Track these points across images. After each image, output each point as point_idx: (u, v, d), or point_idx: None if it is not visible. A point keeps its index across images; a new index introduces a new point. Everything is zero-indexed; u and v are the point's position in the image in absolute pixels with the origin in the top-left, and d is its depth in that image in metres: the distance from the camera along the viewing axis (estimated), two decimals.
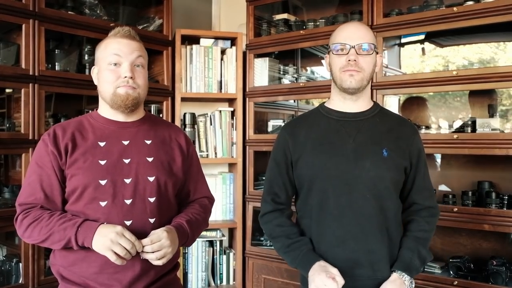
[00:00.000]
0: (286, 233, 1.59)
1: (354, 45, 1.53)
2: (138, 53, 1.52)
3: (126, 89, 1.48)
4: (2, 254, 2.45)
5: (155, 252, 1.38)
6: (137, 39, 1.56)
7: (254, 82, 3.11)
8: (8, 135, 2.28)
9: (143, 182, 1.49)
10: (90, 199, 1.44)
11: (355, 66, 1.53)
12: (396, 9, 2.59)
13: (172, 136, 1.65)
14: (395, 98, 2.94)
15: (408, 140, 1.58)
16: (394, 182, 1.55)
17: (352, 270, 1.51)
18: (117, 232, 1.34)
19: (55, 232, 1.39)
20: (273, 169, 1.68)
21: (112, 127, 1.55)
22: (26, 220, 1.44)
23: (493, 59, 2.68)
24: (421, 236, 1.57)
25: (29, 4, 2.27)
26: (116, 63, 1.49)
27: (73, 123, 1.56)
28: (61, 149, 1.47)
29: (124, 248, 1.33)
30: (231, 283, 3.14)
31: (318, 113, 1.67)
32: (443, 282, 2.29)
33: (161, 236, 1.39)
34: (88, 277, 1.43)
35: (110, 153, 1.49)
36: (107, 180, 1.45)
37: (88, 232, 1.36)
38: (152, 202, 1.49)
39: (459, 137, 2.29)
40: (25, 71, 2.27)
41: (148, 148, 1.55)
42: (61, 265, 1.49)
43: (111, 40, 1.53)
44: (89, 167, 1.45)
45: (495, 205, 2.24)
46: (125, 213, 1.44)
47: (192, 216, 1.58)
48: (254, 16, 3.10)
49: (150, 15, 3.04)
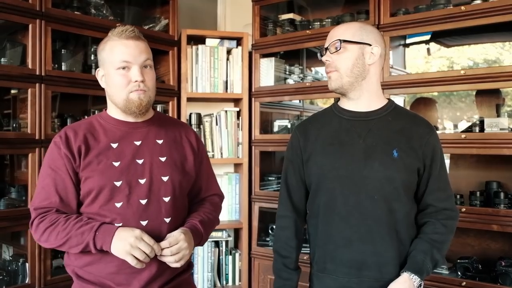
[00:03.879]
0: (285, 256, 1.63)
1: (327, 45, 1.57)
2: (146, 55, 1.51)
3: (138, 94, 1.48)
4: (8, 254, 2.46)
5: (173, 255, 1.39)
6: (142, 38, 1.54)
7: (260, 82, 3.10)
8: (15, 135, 2.28)
9: (157, 182, 1.49)
10: (106, 201, 1.44)
11: (329, 66, 1.56)
12: (403, 8, 2.58)
13: (183, 134, 1.65)
14: (400, 98, 2.92)
15: (422, 140, 1.53)
16: (405, 183, 1.51)
17: (359, 271, 1.50)
18: (136, 236, 1.34)
19: (72, 237, 1.39)
20: (288, 168, 1.68)
21: (123, 128, 1.54)
22: (42, 224, 1.44)
23: (498, 59, 2.67)
24: (437, 239, 1.52)
25: (35, 4, 2.27)
26: (125, 66, 1.47)
27: (84, 125, 1.55)
28: (74, 151, 1.47)
29: (143, 252, 1.33)
30: (237, 283, 3.14)
31: (331, 112, 1.65)
32: (451, 283, 2.27)
33: (179, 238, 1.40)
34: (105, 277, 1.44)
35: (123, 154, 1.49)
36: (122, 181, 1.45)
37: (106, 236, 1.36)
38: (167, 202, 1.49)
39: (467, 137, 2.27)
40: (31, 71, 2.28)
41: (160, 148, 1.55)
42: (76, 266, 1.49)
43: (116, 42, 1.49)
44: (103, 169, 1.45)
45: (503, 206, 2.22)
46: (140, 213, 1.45)
47: (204, 216, 1.58)
48: (259, 16, 3.09)
49: (156, 15, 3.04)
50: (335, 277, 1.53)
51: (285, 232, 1.64)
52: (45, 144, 2.31)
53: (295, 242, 1.64)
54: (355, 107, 1.59)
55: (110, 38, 1.52)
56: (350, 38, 1.53)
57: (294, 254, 1.64)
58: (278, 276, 1.64)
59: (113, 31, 1.52)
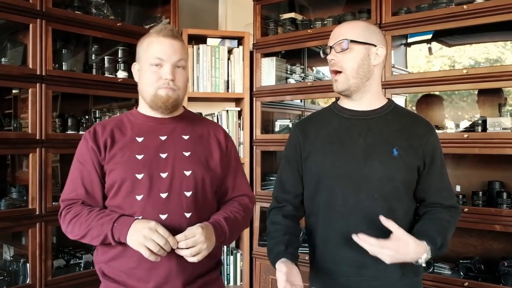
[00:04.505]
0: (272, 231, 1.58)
1: (332, 44, 1.52)
2: (180, 55, 1.51)
3: (166, 91, 1.49)
4: (9, 254, 2.46)
5: (189, 248, 1.36)
6: (180, 38, 1.55)
7: (261, 82, 3.09)
8: (15, 135, 2.28)
9: (179, 176, 1.48)
10: (127, 193, 1.45)
11: (335, 66, 1.52)
12: (405, 7, 2.57)
13: (211, 131, 1.64)
14: (402, 98, 2.92)
15: (422, 139, 1.52)
16: (405, 182, 1.50)
17: (359, 271, 1.49)
18: (150, 227, 1.34)
19: (93, 228, 1.41)
20: (284, 166, 1.67)
21: (150, 123, 1.56)
22: (68, 215, 1.47)
23: (500, 58, 2.66)
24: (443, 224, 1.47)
25: (36, 4, 2.27)
26: (158, 64, 1.49)
27: (113, 121, 1.58)
28: (101, 145, 1.50)
29: (157, 244, 1.32)
30: (238, 283, 3.13)
31: (330, 111, 1.64)
32: (453, 283, 2.26)
33: (196, 232, 1.37)
34: (127, 272, 1.44)
35: (147, 148, 1.50)
36: (143, 174, 1.46)
37: (123, 227, 1.37)
38: (189, 197, 1.48)
39: (470, 137, 2.26)
40: (32, 71, 2.27)
41: (185, 143, 1.55)
42: (102, 262, 1.50)
43: (153, 39, 1.51)
44: (126, 162, 1.47)
45: (506, 205, 2.21)
46: (160, 207, 1.44)
47: (230, 214, 1.55)
48: (261, 15, 3.09)
49: (156, 15, 3.04)
50: (335, 276, 1.52)
51: (274, 217, 1.61)
52: (46, 144, 2.31)
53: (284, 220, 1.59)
54: (356, 106, 1.58)
55: (150, 34, 1.54)
56: (357, 38, 1.51)
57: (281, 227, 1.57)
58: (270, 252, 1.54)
59: (153, 29, 1.55)
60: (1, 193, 2.37)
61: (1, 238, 2.49)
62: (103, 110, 2.89)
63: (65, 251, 2.62)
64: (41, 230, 2.29)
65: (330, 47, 1.53)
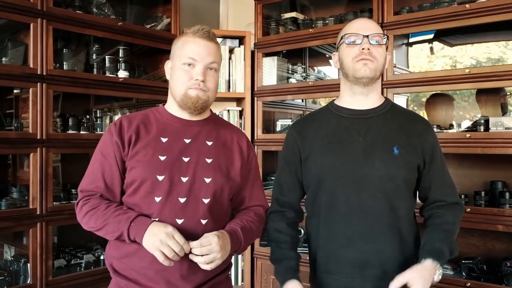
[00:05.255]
0: (278, 240, 1.59)
1: (368, 34, 1.51)
2: (213, 58, 1.51)
3: (197, 92, 1.49)
4: (10, 254, 2.46)
5: (204, 255, 1.36)
6: (215, 40, 1.55)
7: (263, 81, 3.09)
8: (16, 134, 2.27)
9: (199, 183, 1.48)
10: (146, 193, 1.45)
11: (369, 55, 1.50)
12: (407, 6, 2.56)
13: (234, 139, 1.62)
14: (403, 98, 2.91)
15: (421, 137, 1.53)
16: (406, 180, 1.51)
17: (362, 271, 1.48)
18: (167, 233, 1.33)
19: (109, 223, 1.41)
20: (283, 168, 1.66)
21: (177, 124, 1.55)
22: (85, 207, 1.46)
23: (502, 58, 2.65)
24: (449, 229, 1.50)
25: (37, 3, 2.27)
26: (191, 63, 1.49)
27: (140, 116, 1.57)
28: (125, 140, 1.49)
29: (172, 250, 1.32)
30: (239, 283, 3.13)
31: (328, 111, 1.64)
32: (455, 284, 2.25)
33: (212, 240, 1.37)
34: (138, 271, 1.44)
35: (171, 149, 1.49)
36: (164, 176, 1.45)
37: (140, 229, 1.37)
38: (206, 204, 1.47)
39: (472, 136, 2.26)
40: (33, 71, 2.27)
41: (208, 149, 1.54)
42: (114, 257, 1.50)
43: (189, 38, 1.51)
44: (148, 161, 1.46)
45: (508, 206, 2.20)
46: (177, 211, 1.44)
47: (246, 224, 1.54)
48: (262, 14, 3.08)
49: (158, 14, 3.03)
50: (338, 277, 1.51)
51: (277, 223, 1.61)
52: (47, 144, 2.31)
53: (285, 228, 1.60)
54: (357, 104, 1.58)
55: (186, 34, 1.54)
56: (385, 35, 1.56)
57: (289, 240, 1.59)
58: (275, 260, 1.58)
59: (191, 28, 1.54)
60: (2, 193, 2.37)
61: (2, 238, 2.49)
62: (104, 109, 2.88)
63: (66, 251, 2.62)
64: (42, 230, 2.28)
65: (365, 36, 1.51)
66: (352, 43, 1.53)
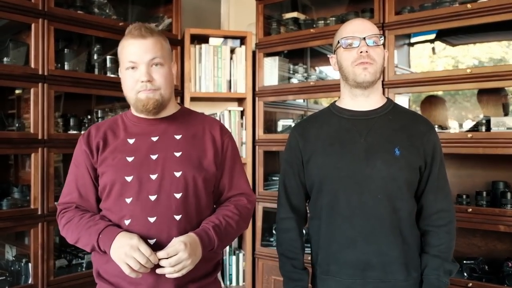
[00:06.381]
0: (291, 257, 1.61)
1: (364, 36, 1.50)
2: (153, 53, 1.46)
3: (146, 94, 1.45)
4: (11, 254, 2.46)
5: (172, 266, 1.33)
6: (153, 33, 1.48)
7: (264, 82, 3.09)
8: (18, 135, 2.27)
9: (169, 178, 1.45)
10: (117, 196, 1.44)
11: (368, 58, 1.49)
12: (408, 6, 2.56)
13: (206, 129, 1.58)
14: (405, 97, 2.90)
15: (423, 138, 1.52)
16: (408, 182, 1.50)
17: (364, 272, 1.48)
18: (132, 245, 1.31)
19: (82, 236, 1.42)
20: (286, 170, 1.65)
21: (143, 124, 1.53)
22: (63, 220, 1.48)
23: (504, 58, 2.64)
24: (444, 249, 1.52)
25: (38, 3, 2.27)
26: (133, 66, 1.46)
27: (108, 122, 1.58)
28: (93, 147, 1.50)
29: (138, 262, 1.30)
30: (240, 284, 3.12)
31: (329, 112, 1.63)
32: (457, 284, 2.25)
33: (178, 249, 1.33)
34: (118, 275, 1.42)
35: (138, 149, 1.48)
36: (133, 177, 1.44)
37: (106, 241, 1.36)
38: (178, 198, 1.44)
39: (474, 137, 2.25)
40: (34, 71, 2.27)
41: (177, 143, 1.51)
42: (98, 263, 1.51)
43: (125, 42, 1.48)
44: (116, 164, 1.46)
45: (510, 206, 2.20)
46: (148, 210, 1.42)
47: (222, 220, 1.48)
48: (263, 15, 3.08)
49: (159, 14, 3.04)
50: (339, 279, 1.51)
51: (289, 234, 1.62)
52: (48, 144, 2.31)
53: (299, 243, 1.62)
54: (358, 106, 1.57)
55: (124, 37, 1.51)
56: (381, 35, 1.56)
57: (300, 255, 1.62)
58: (289, 278, 1.61)
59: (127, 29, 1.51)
60: (4, 193, 2.37)
61: (3, 238, 2.49)
62: (106, 110, 2.88)
63: (67, 251, 2.62)
64: (43, 230, 2.28)
65: (362, 38, 1.50)
66: (349, 46, 1.52)
